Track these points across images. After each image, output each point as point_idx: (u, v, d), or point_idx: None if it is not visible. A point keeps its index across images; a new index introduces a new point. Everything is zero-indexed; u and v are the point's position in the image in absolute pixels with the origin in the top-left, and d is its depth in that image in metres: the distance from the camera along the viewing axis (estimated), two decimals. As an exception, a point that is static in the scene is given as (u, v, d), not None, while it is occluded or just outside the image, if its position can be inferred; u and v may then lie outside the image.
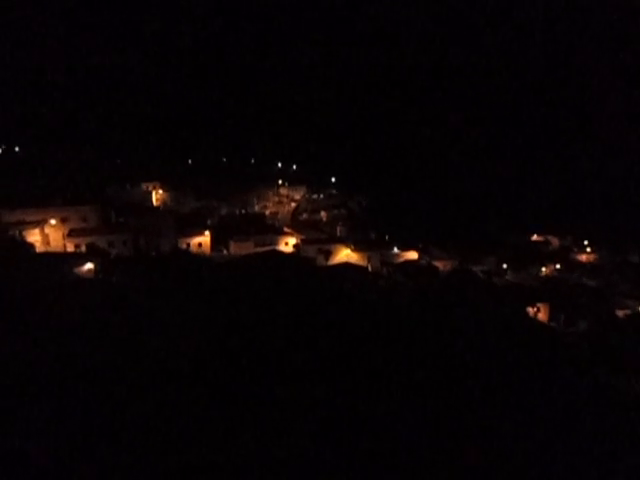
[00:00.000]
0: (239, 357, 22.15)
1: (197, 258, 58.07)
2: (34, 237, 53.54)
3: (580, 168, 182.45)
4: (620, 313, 63.61)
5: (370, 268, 67.08)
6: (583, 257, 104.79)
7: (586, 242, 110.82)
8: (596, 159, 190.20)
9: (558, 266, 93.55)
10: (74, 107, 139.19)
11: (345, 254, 69.12)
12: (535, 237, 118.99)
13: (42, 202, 60.11)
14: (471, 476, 15.46)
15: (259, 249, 65.30)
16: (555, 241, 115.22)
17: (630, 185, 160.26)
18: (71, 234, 56.66)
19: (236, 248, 66.77)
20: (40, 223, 55.81)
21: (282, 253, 64.80)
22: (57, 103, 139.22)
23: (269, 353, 23.08)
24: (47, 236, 56.62)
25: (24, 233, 52.67)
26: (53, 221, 57.74)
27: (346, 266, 62.67)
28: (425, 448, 16.42)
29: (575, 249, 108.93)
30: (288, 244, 70.77)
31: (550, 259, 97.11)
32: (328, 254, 67.77)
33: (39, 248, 52.42)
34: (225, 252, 68.07)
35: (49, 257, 48.59)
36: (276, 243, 69.74)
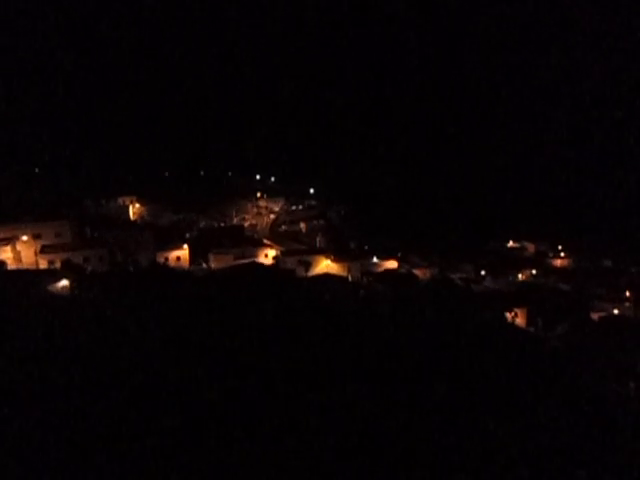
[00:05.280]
0: (219, 371, 21.79)
1: (176, 272, 57.16)
2: (5, 254, 52.15)
3: (555, 175, 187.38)
4: (595, 316, 64.98)
5: (350, 278, 67.07)
6: (558, 262, 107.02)
7: (560, 247, 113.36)
8: (571, 167, 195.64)
9: (534, 271, 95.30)
10: (48, 121, 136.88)
11: (325, 265, 69.01)
12: (511, 243, 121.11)
13: (13, 218, 58.57)
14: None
15: (239, 262, 64.69)
16: (531, 247, 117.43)
17: (604, 192, 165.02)
18: (44, 250, 55.15)
19: (215, 261, 66.01)
20: (11, 240, 54.30)
21: (262, 265, 64.32)
22: (30, 116, 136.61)
23: (250, 365, 22.77)
24: (19, 253, 55.06)
25: (-5, 251, 51.32)
26: (25, 237, 56.21)
27: (326, 277, 62.57)
28: (408, 450, 16.35)
29: (550, 254, 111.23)
30: (268, 256, 70.32)
31: (526, 265, 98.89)
32: (308, 265, 67.52)
33: (10, 265, 51.09)
34: (204, 265, 67.22)
35: (22, 274, 47.22)
36: (256, 255, 69.20)
